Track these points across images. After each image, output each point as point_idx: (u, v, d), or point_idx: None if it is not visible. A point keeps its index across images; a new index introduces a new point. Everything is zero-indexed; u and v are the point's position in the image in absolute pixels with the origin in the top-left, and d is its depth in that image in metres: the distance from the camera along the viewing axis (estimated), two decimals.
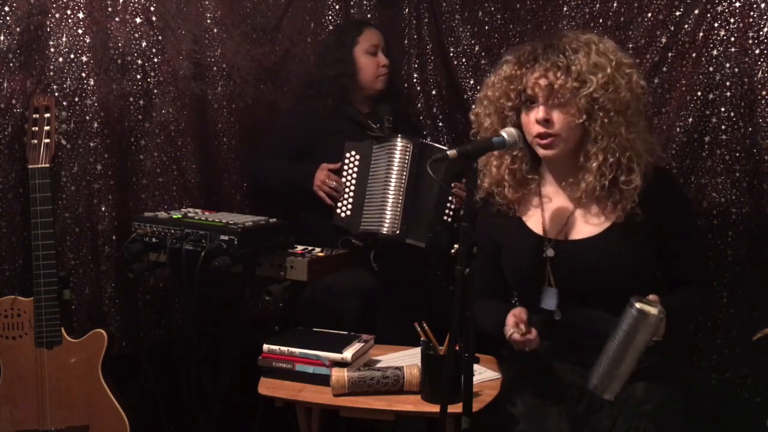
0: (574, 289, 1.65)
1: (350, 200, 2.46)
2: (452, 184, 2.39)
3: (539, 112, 1.59)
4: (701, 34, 2.19)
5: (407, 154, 2.41)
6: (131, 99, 2.47)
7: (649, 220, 1.61)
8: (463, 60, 2.76)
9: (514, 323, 1.59)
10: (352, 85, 2.56)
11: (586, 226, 1.67)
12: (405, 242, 2.40)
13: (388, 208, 2.40)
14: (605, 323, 1.61)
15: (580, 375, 1.63)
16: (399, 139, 2.43)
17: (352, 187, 2.46)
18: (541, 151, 1.64)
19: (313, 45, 2.87)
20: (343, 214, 2.46)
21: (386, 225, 2.40)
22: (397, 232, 2.39)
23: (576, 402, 1.63)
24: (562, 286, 1.66)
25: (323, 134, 2.54)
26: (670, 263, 1.70)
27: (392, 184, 2.41)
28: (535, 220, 1.73)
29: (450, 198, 2.42)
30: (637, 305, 1.45)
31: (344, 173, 2.48)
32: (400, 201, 2.40)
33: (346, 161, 2.48)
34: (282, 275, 2.08)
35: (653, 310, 1.44)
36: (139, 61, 2.47)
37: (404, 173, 2.41)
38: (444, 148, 2.46)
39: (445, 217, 2.42)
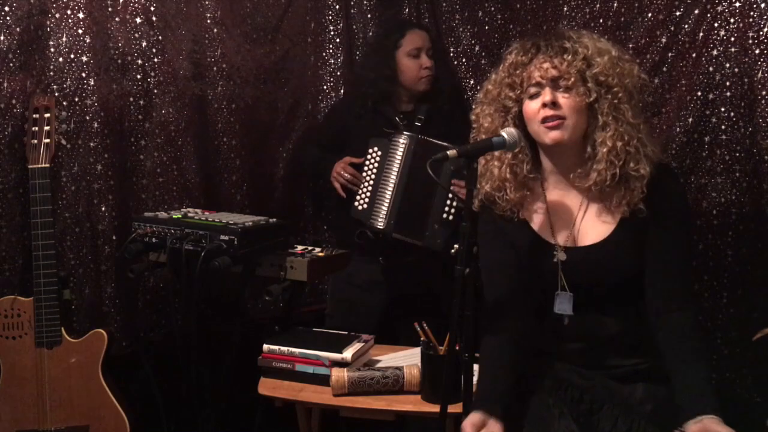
0: (585, 293, 1.64)
1: (368, 194, 2.49)
2: (451, 181, 2.39)
3: (546, 95, 1.58)
4: (701, 34, 2.19)
5: (403, 149, 2.43)
6: (131, 99, 2.47)
7: (651, 216, 1.60)
8: (463, 60, 2.76)
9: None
10: (391, 87, 2.58)
11: (594, 229, 1.65)
12: (393, 237, 2.43)
13: (383, 203, 2.44)
14: (613, 326, 1.62)
15: (580, 375, 1.63)
16: (402, 135, 2.45)
17: (371, 182, 2.49)
18: (549, 135, 1.59)
19: (313, 45, 2.87)
20: (360, 207, 2.50)
21: (378, 219, 2.43)
22: (384, 227, 2.42)
23: (577, 402, 1.62)
24: (572, 290, 1.64)
25: (359, 129, 2.58)
26: (653, 267, 1.62)
27: (389, 180, 2.45)
28: (542, 224, 1.70)
29: (450, 196, 2.42)
30: None
31: (365, 168, 2.51)
32: (391, 196, 2.43)
33: (368, 157, 2.51)
34: (282, 275, 2.08)
35: None
36: (139, 61, 2.47)
37: (399, 168, 2.43)
38: (445, 144, 2.46)
39: (445, 215, 2.43)
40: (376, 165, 2.50)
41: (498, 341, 1.66)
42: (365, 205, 2.48)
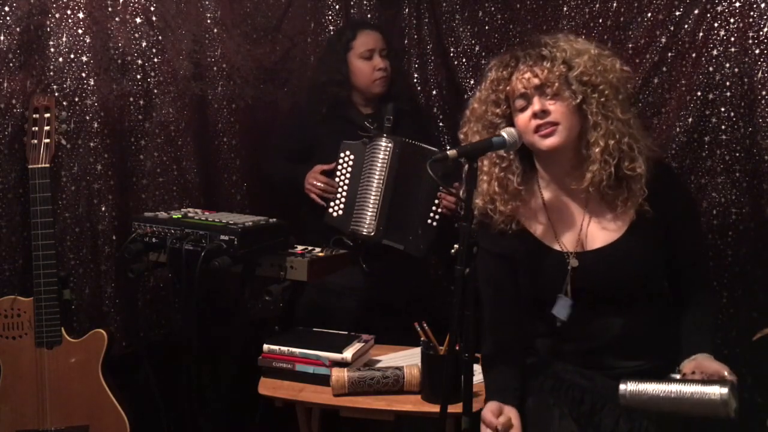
0: (590, 297, 1.63)
1: (343, 200, 2.46)
2: (440, 188, 2.36)
3: (535, 105, 1.57)
4: (701, 34, 2.19)
5: (387, 153, 2.40)
6: (131, 99, 2.48)
7: (659, 216, 1.60)
8: (463, 60, 2.76)
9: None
10: (344, 91, 2.53)
11: (602, 233, 1.64)
12: (382, 243, 2.40)
13: (368, 209, 2.41)
14: (617, 327, 1.62)
15: (581, 375, 1.63)
16: (383, 139, 2.42)
17: (345, 187, 2.46)
18: (544, 142, 1.58)
19: (313, 45, 2.87)
20: (335, 214, 2.46)
21: (365, 226, 2.41)
22: (373, 233, 2.39)
23: (578, 402, 1.62)
24: (577, 295, 1.63)
25: (322, 135, 2.53)
26: (676, 260, 1.67)
27: (372, 185, 2.42)
28: (544, 232, 1.69)
29: (435, 201, 2.40)
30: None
31: (338, 173, 2.48)
32: (377, 201, 2.40)
33: (341, 161, 2.47)
34: (282, 275, 2.08)
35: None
36: (139, 61, 2.47)
37: (383, 173, 2.40)
38: (431, 148, 2.44)
39: (429, 221, 2.41)
40: (349, 170, 2.46)
41: (501, 358, 1.68)
42: (340, 212, 2.45)
